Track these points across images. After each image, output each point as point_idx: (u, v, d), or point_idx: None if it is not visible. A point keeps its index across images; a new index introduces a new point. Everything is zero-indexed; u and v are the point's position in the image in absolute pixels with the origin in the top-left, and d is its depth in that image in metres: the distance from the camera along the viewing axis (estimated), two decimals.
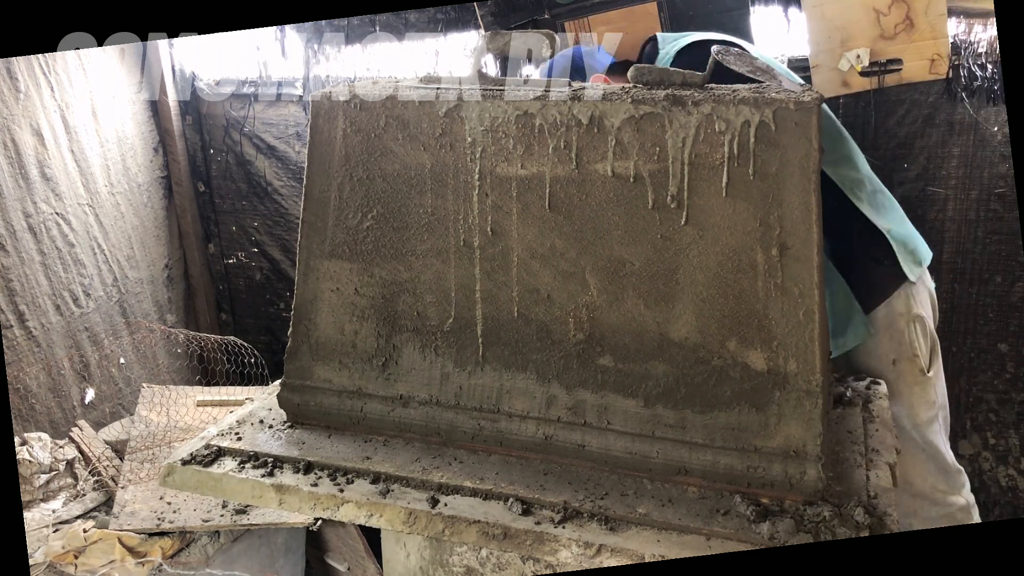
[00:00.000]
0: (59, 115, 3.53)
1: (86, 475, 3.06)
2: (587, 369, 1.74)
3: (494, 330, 1.80)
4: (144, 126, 4.10)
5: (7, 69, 3.26)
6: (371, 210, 1.86)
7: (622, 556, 1.50)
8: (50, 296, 3.45)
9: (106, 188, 3.82)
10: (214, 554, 2.83)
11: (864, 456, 1.79)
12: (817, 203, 1.57)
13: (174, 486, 1.83)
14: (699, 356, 1.66)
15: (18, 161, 3.31)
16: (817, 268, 1.58)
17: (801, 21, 3.12)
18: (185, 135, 4.28)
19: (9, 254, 3.26)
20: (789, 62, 3.20)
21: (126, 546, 2.71)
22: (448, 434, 1.84)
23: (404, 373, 1.87)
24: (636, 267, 1.69)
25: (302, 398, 1.94)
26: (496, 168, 1.75)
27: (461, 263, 1.80)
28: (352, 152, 1.86)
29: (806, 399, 1.60)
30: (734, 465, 1.64)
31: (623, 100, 1.66)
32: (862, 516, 1.55)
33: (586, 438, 1.74)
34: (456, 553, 1.81)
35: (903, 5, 2.91)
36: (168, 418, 3.31)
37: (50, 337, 3.44)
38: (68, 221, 3.57)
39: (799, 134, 1.56)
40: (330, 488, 1.72)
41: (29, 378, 3.32)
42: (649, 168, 1.65)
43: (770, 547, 1.50)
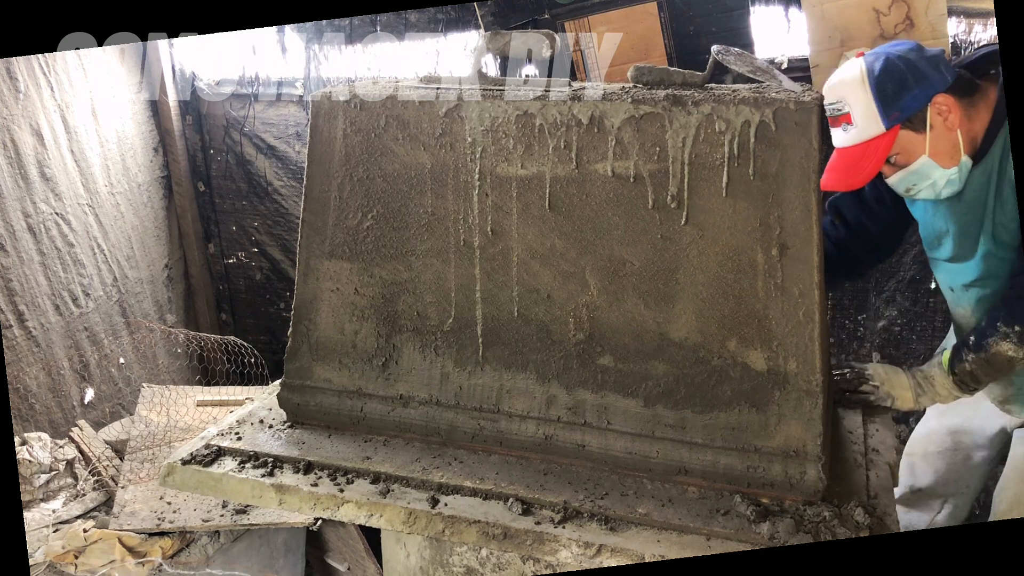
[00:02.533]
0: (59, 115, 3.53)
1: (86, 475, 3.06)
2: (587, 369, 1.74)
3: (494, 330, 1.80)
4: (144, 126, 4.10)
5: (7, 69, 3.26)
6: (371, 210, 1.86)
7: (622, 556, 1.50)
8: (50, 296, 3.45)
9: (106, 188, 3.82)
10: (214, 554, 2.83)
11: (864, 456, 1.79)
12: (817, 203, 1.57)
13: (174, 486, 1.83)
14: (699, 356, 1.66)
15: (18, 161, 3.31)
16: (817, 268, 1.58)
17: (801, 21, 3.11)
18: (185, 135, 4.28)
19: (9, 254, 3.26)
20: (789, 62, 3.20)
21: (126, 546, 2.71)
22: (448, 434, 1.84)
23: (404, 373, 1.87)
24: (636, 267, 1.69)
25: (302, 398, 1.94)
26: (496, 168, 1.75)
27: (461, 263, 1.80)
28: (352, 152, 1.86)
29: (806, 399, 1.60)
30: (734, 465, 1.64)
31: (623, 100, 1.66)
32: (862, 516, 1.55)
33: (586, 438, 1.74)
34: (456, 553, 1.81)
35: (903, 5, 2.91)
36: (168, 418, 3.31)
37: (50, 337, 3.43)
38: (68, 221, 3.56)
39: (799, 134, 1.56)
40: (330, 488, 1.72)
41: (29, 378, 3.31)
42: (649, 168, 1.65)
43: (770, 547, 1.50)
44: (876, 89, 1.82)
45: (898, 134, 1.85)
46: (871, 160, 1.87)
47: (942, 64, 1.86)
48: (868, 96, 1.83)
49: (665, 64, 3.21)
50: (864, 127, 1.85)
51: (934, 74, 1.83)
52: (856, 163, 1.89)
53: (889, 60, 1.84)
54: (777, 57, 3.27)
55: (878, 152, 1.86)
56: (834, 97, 1.89)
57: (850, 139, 1.88)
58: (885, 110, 1.82)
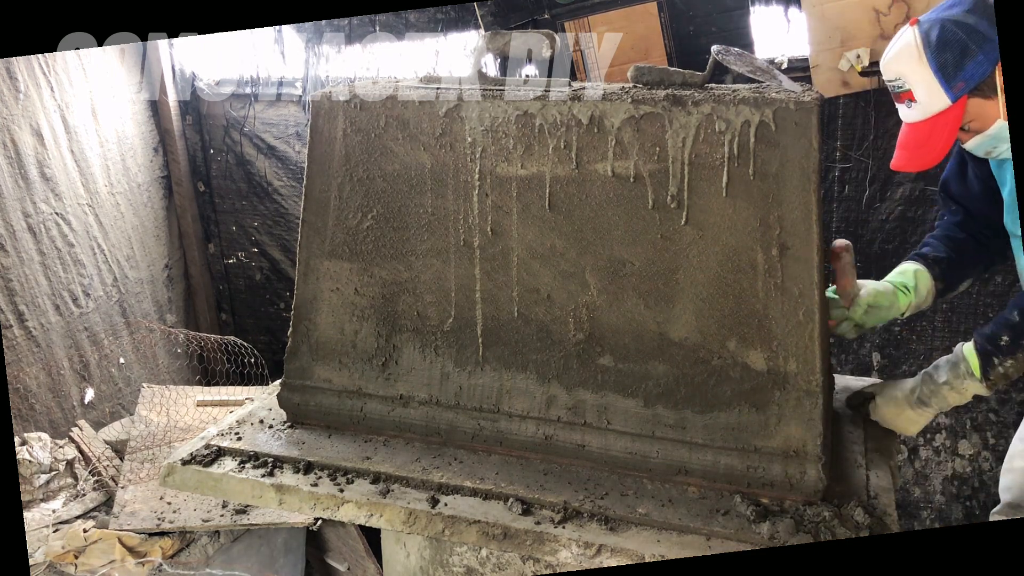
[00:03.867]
0: (59, 115, 3.53)
1: (86, 475, 3.06)
2: (587, 369, 1.74)
3: (494, 330, 1.80)
4: (144, 126, 4.11)
5: (7, 69, 3.26)
6: (371, 210, 1.86)
7: (622, 556, 1.50)
8: (50, 296, 3.45)
9: (106, 188, 3.82)
10: (214, 554, 2.83)
11: (864, 456, 1.79)
12: (817, 203, 1.57)
13: (174, 486, 1.82)
14: (699, 356, 1.66)
15: (18, 161, 3.31)
16: (817, 268, 1.58)
17: (801, 21, 3.12)
18: (185, 135, 4.28)
19: (9, 254, 3.26)
20: (789, 62, 3.21)
21: (126, 546, 2.71)
22: (448, 434, 1.84)
23: (404, 373, 1.87)
24: (636, 267, 1.69)
25: (302, 398, 1.94)
26: (496, 168, 1.75)
27: (461, 263, 1.80)
28: (352, 152, 1.86)
29: (806, 399, 1.60)
30: (734, 465, 1.64)
31: (623, 100, 1.66)
32: (862, 516, 1.55)
33: (586, 438, 1.74)
34: (456, 553, 1.81)
35: (903, 5, 2.92)
36: (168, 418, 3.31)
37: (50, 337, 3.44)
38: (68, 221, 3.57)
39: (799, 134, 1.56)
40: (330, 488, 1.72)
41: (29, 378, 3.31)
42: (649, 168, 1.65)
43: (770, 547, 1.50)
44: (936, 62, 1.68)
45: (967, 103, 1.71)
46: (941, 136, 1.73)
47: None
48: (927, 70, 1.70)
49: (665, 64, 3.22)
50: (928, 103, 1.71)
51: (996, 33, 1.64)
52: (925, 141, 1.76)
53: (945, 26, 1.68)
54: (777, 57, 3.27)
55: (948, 127, 1.73)
56: (892, 74, 1.76)
57: (915, 115, 1.75)
58: (948, 83, 1.69)
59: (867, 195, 3.35)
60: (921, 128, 1.76)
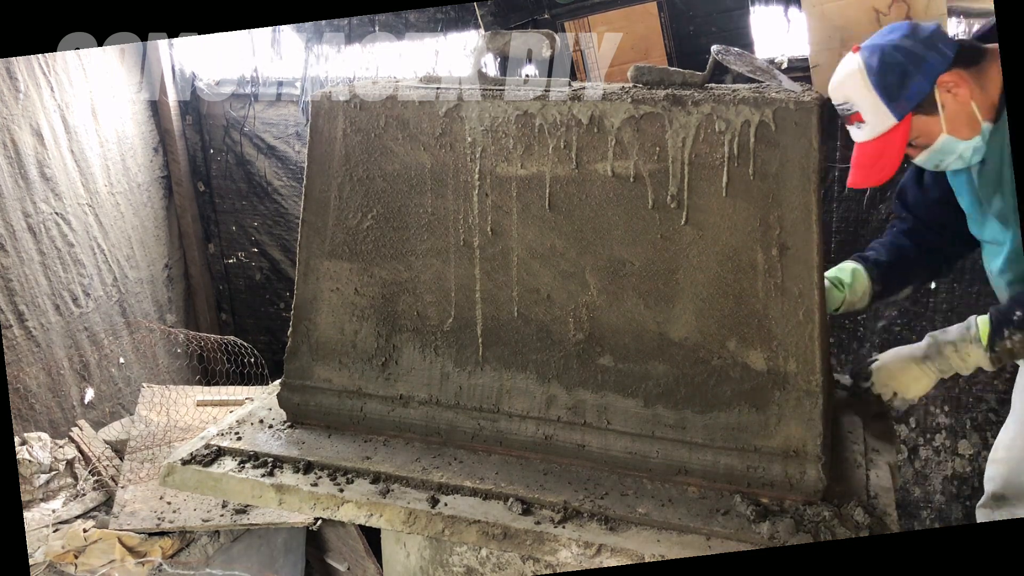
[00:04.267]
0: (59, 115, 3.53)
1: (86, 475, 3.06)
2: (587, 369, 1.74)
3: (494, 330, 1.80)
4: (144, 126, 4.11)
5: (7, 69, 3.26)
6: (371, 210, 1.86)
7: (622, 556, 1.50)
8: (50, 296, 3.45)
9: (106, 188, 3.82)
10: (214, 554, 2.83)
11: (864, 456, 1.79)
12: (817, 203, 1.57)
13: (174, 486, 1.83)
14: (699, 356, 1.66)
15: (18, 161, 3.31)
16: (817, 268, 1.58)
17: (801, 21, 3.12)
18: (185, 135, 4.28)
19: (9, 254, 3.26)
20: (789, 62, 3.21)
21: (126, 546, 2.71)
22: (448, 434, 1.84)
23: (404, 373, 1.87)
24: (636, 267, 1.69)
25: (302, 398, 1.94)
26: (496, 168, 1.75)
27: (461, 263, 1.80)
28: (352, 152, 1.86)
29: (806, 399, 1.60)
30: (734, 465, 1.64)
31: (623, 100, 1.66)
32: (862, 516, 1.56)
33: (586, 438, 1.74)
34: (456, 553, 1.81)
35: (903, 5, 2.91)
36: (168, 418, 3.31)
37: (50, 337, 3.43)
38: (68, 221, 3.57)
39: (799, 134, 1.56)
40: (330, 488, 1.72)
41: (29, 378, 3.31)
42: (649, 168, 1.65)
43: (770, 547, 1.50)
44: (878, 85, 1.82)
45: (912, 121, 1.85)
46: (890, 153, 1.87)
47: (940, 41, 1.83)
48: (872, 93, 1.83)
49: (665, 64, 3.22)
50: (876, 123, 1.85)
51: (933, 55, 1.81)
52: (877, 158, 1.89)
53: (886, 51, 1.83)
54: (777, 57, 3.27)
55: (895, 144, 1.86)
56: (840, 98, 1.89)
57: (865, 135, 1.88)
58: (892, 103, 1.82)
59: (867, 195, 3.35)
60: (872, 147, 1.89)
